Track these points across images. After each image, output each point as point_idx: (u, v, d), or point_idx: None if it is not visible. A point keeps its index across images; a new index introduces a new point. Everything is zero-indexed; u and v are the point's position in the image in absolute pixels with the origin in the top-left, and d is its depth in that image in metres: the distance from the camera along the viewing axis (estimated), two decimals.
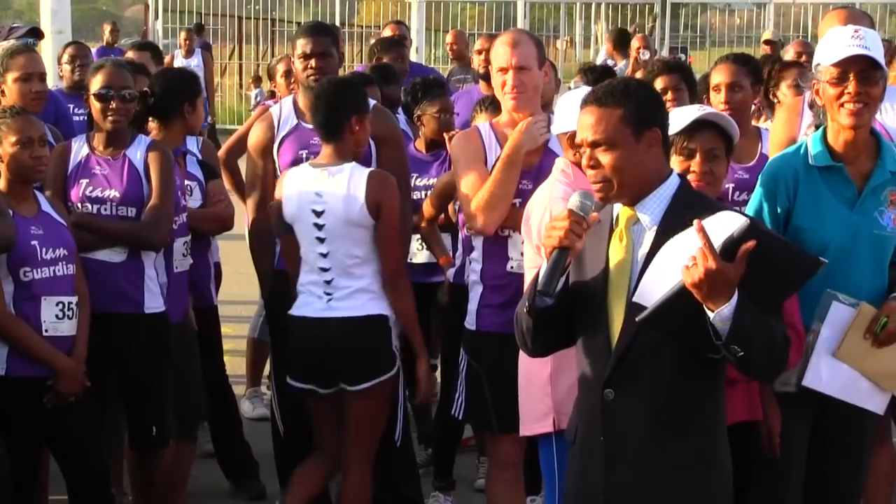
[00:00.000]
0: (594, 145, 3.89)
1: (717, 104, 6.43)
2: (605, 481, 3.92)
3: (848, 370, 4.72)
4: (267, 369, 8.62)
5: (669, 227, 3.86)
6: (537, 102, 5.71)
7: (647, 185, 3.93)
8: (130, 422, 6.04)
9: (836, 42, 4.74)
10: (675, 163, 4.63)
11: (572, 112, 4.52)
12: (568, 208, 3.84)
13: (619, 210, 3.98)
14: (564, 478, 4.39)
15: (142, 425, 6.01)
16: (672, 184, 3.96)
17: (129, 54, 9.12)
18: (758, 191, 4.87)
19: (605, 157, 3.88)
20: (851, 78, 4.68)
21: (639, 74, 12.28)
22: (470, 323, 5.73)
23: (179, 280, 6.21)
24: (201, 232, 6.64)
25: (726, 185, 5.34)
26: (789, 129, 5.70)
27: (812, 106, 5.02)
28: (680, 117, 4.64)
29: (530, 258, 5.15)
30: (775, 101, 7.13)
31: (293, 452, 6.44)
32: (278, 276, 6.33)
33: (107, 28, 20.09)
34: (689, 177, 4.59)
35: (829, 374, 4.69)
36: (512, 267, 5.57)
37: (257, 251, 6.49)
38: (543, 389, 5.16)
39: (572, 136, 5.08)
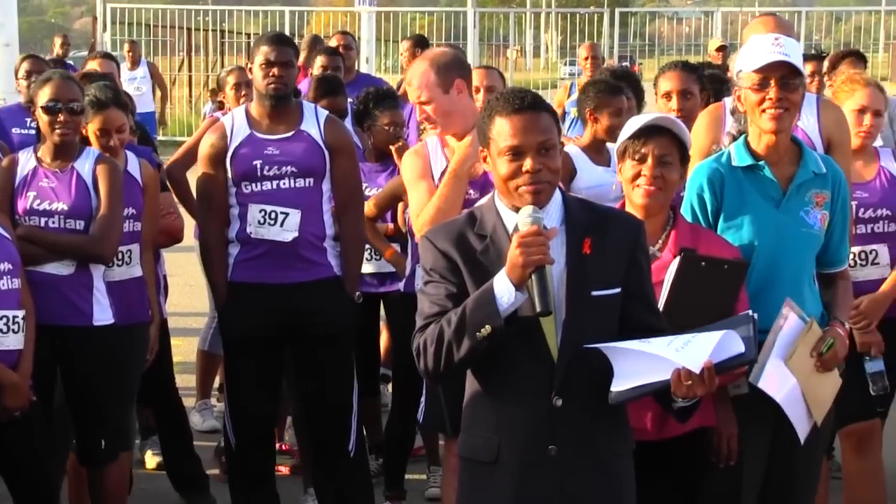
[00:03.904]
0: (545, 147, 3.91)
1: (668, 111, 6.46)
2: (565, 488, 3.93)
3: (794, 382, 4.74)
4: (217, 381, 8.61)
5: (574, 230, 3.95)
6: (460, 119, 5.63)
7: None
8: (79, 435, 6.01)
9: (758, 49, 4.81)
10: (628, 167, 4.66)
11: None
12: (534, 226, 3.79)
13: (506, 218, 3.98)
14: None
15: (91, 439, 5.98)
16: (557, 191, 4.02)
17: (95, 63, 9.11)
18: (686, 200, 4.91)
19: (549, 160, 3.91)
20: (772, 84, 4.75)
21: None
22: None
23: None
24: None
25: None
26: (711, 134, 5.75)
27: (734, 112, 5.09)
28: (635, 123, 4.69)
29: None
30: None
31: (245, 465, 6.44)
32: (231, 288, 6.32)
33: (57, 41, 20.00)
34: (640, 181, 4.62)
35: (778, 378, 4.71)
36: None
37: (209, 262, 6.47)
38: None
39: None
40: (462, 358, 3.86)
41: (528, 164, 3.90)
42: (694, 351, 3.78)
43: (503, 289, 3.78)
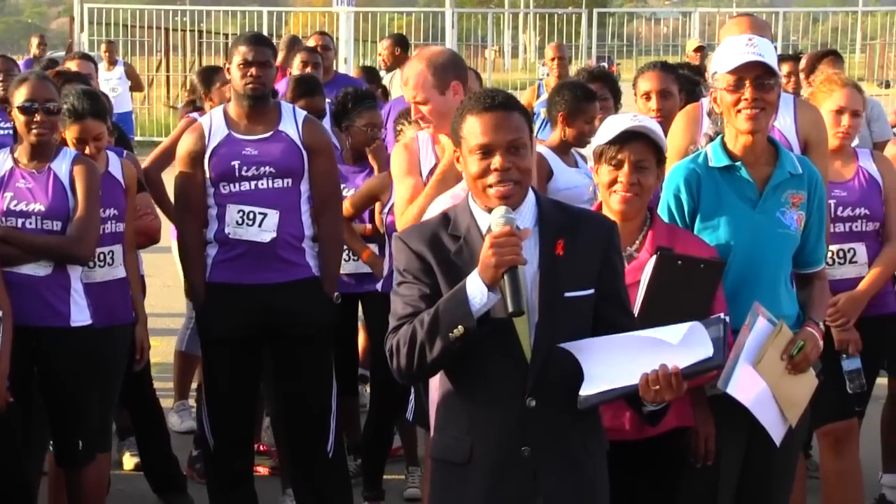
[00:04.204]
0: (515, 146, 3.90)
1: (647, 111, 6.47)
2: (539, 489, 3.92)
3: (764, 386, 4.74)
4: (195, 382, 8.60)
5: (547, 231, 3.94)
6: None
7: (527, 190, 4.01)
8: (56, 436, 5.99)
9: (731, 50, 4.83)
10: (604, 172, 4.65)
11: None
12: (506, 227, 3.78)
13: (479, 219, 3.97)
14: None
15: (68, 440, 5.96)
16: (531, 192, 4.02)
17: (73, 63, 9.08)
18: (663, 200, 4.92)
19: (519, 159, 3.91)
20: (747, 84, 4.77)
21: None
22: None
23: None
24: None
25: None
26: (688, 135, 5.77)
27: (711, 114, 5.10)
28: (611, 127, 4.67)
29: None
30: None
31: (223, 466, 6.43)
32: (209, 289, 6.31)
33: (34, 41, 19.98)
34: (617, 187, 4.62)
35: (747, 383, 4.71)
36: None
37: (187, 263, 6.46)
38: None
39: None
40: (435, 359, 3.86)
41: (496, 161, 3.89)
42: (669, 332, 3.83)
43: (476, 289, 3.78)
